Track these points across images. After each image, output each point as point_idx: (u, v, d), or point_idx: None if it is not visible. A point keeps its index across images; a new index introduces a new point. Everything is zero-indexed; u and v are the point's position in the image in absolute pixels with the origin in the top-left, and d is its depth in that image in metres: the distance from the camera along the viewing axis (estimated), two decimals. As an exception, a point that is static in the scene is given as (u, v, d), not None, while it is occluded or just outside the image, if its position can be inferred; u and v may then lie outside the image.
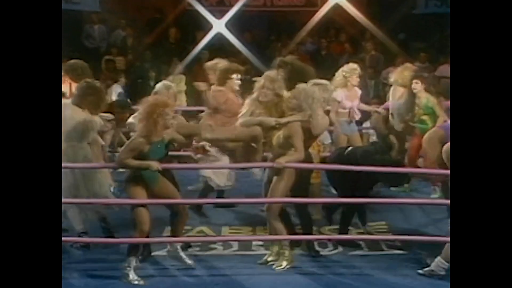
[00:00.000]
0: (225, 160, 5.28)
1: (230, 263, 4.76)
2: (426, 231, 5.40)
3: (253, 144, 4.68)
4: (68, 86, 6.10)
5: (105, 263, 4.77)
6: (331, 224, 5.43)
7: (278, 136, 4.55)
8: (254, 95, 4.69)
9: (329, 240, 5.15)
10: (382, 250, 5.07)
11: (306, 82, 4.85)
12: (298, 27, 10.48)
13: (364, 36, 10.56)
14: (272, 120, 4.56)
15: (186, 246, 4.91)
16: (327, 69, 10.18)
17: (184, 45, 10.24)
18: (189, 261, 4.65)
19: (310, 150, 4.84)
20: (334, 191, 5.53)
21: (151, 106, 4.31)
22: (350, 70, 6.45)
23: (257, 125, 4.60)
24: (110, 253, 4.89)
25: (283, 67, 5.20)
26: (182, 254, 4.66)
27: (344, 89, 6.44)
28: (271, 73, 4.76)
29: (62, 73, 5.99)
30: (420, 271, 4.49)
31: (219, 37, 9.79)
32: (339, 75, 6.48)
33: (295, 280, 4.51)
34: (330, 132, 8.05)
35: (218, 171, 5.58)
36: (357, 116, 6.51)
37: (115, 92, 8.57)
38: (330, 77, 9.91)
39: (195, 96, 8.83)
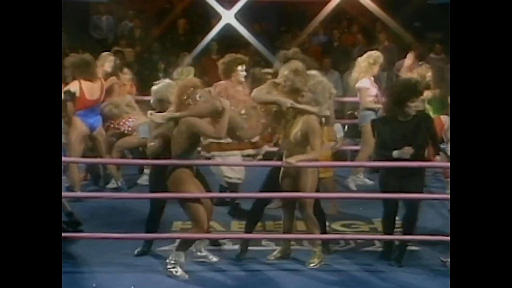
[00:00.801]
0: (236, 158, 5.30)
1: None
2: (439, 227, 5.35)
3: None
4: (78, 85, 6.09)
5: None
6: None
7: (295, 133, 4.48)
8: (277, 80, 4.62)
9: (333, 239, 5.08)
10: (395, 246, 5.03)
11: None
12: (309, 18, 10.42)
13: (377, 27, 10.47)
14: (288, 102, 4.43)
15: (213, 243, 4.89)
16: (339, 61, 10.17)
17: (193, 36, 10.21)
18: (214, 258, 4.67)
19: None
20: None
21: (181, 88, 4.32)
22: (376, 58, 6.42)
23: (271, 103, 4.51)
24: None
25: (285, 61, 5.14)
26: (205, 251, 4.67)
27: (369, 76, 6.43)
28: (298, 65, 4.63)
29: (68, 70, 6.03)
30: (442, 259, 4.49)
31: (228, 28, 9.75)
32: (364, 61, 6.44)
33: (306, 275, 4.50)
34: (343, 125, 8.08)
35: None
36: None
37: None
38: (342, 69, 9.98)
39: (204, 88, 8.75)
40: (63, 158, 4.25)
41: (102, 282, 4.37)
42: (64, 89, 5.90)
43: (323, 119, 4.58)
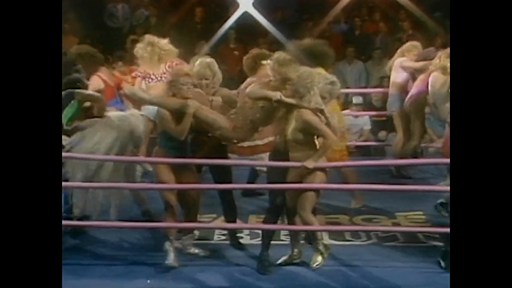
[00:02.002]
0: None
1: (257, 252, 4.70)
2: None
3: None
4: (100, 79, 5.96)
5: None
6: None
7: (293, 132, 4.31)
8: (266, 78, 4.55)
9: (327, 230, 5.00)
10: (419, 241, 5.01)
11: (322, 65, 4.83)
12: (330, 6, 10.35)
13: (400, 15, 10.38)
14: (277, 94, 4.30)
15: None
16: (361, 50, 10.10)
17: (210, 24, 10.20)
18: (196, 251, 4.70)
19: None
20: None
21: (172, 74, 4.46)
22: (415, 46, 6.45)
23: (262, 98, 4.38)
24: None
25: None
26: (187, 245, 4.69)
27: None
28: (280, 55, 4.55)
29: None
30: None
31: (246, 16, 9.72)
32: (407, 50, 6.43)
33: (325, 272, 4.46)
34: (356, 117, 8.04)
35: None
36: None
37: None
38: (364, 58, 9.90)
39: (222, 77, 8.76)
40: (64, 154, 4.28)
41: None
42: (88, 91, 5.67)
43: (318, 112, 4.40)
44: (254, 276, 4.41)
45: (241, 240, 5.00)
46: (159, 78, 5.61)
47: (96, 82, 5.88)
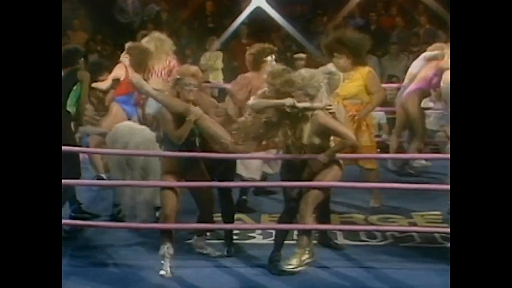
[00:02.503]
0: None
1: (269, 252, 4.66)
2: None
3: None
4: (124, 69, 5.88)
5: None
6: None
7: (310, 137, 4.27)
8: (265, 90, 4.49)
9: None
10: (436, 242, 4.95)
11: None
12: (345, 0, 10.29)
13: (417, 9, 10.30)
14: (289, 100, 4.25)
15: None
16: (376, 45, 10.02)
17: (222, 19, 10.19)
18: (208, 251, 4.67)
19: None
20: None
21: (178, 72, 4.46)
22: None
23: (271, 107, 4.35)
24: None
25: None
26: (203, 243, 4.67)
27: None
28: (274, 68, 4.53)
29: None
30: None
31: (258, 11, 9.70)
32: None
33: (339, 273, 4.44)
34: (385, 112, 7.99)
35: (247, 164, 5.45)
36: None
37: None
38: (380, 53, 9.83)
39: (233, 74, 8.75)
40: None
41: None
42: (111, 76, 5.76)
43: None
44: (267, 277, 4.38)
45: (252, 241, 4.97)
46: (158, 74, 5.60)
47: (119, 70, 5.83)
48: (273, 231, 4.77)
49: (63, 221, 4.34)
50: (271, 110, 4.34)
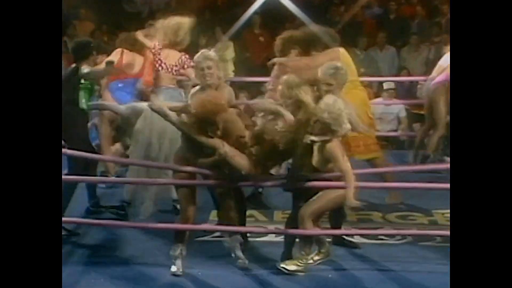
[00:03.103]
0: None
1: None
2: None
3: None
4: (120, 54, 5.91)
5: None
6: None
7: (318, 162, 4.19)
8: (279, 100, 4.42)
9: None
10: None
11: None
12: (363, -12, 10.15)
13: (439, -3, 10.12)
14: (309, 138, 4.16)
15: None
16: (396, 35, 9.87)
17: (234, 9, 10.08)
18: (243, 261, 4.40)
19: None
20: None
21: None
22: None
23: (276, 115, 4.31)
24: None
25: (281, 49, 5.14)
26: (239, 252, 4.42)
27: None
28: (289, 77, 4.42)
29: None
30: None
31: (272, 0, 9.58)
32: None
33: (355, 273, 4.34)
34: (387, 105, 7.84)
35: None
36: None
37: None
38: (399, 44, 9.66)
39: (245, 65, 8.68)
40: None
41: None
42: (106, 59, 5.70)
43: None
44: (278, 276, 4.29)
45: (264, 238, 4.86)
46: (169, 70, 5.46)
47: (115, 55, 5.83)
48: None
49: (64, 219, 4.31)
50: (282, 138, 4.22)
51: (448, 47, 7.69)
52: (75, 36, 8.37)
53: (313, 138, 4.16)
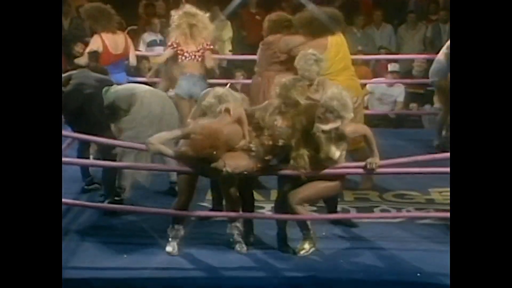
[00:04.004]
0: None
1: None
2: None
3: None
4: (100, 40, 6.02)
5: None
6: None
7: (331, 151, 4.27)
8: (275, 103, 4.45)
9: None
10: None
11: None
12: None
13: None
14: (322, 127, 4.22)
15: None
16: (393, 13, 9.91)
17: (230, -13, 10.08)
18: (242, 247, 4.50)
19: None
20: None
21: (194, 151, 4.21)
22: None
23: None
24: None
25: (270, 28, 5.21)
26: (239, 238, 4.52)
27: None
28: (286, 81, 4.48)
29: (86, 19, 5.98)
30: None
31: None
32: None
33: (350, 253, 4.46)
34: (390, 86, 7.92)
35: None
36: None
37: (143, 41, 8.51)
38: (396, 22, 9.69)
39: (242, 44, 8.72)
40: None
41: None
42: (87, 49, 5.90)
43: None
44: (275, 256, 4.41)
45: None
46: (193, 57, 5.58)
47: (95, 42, 5.94)
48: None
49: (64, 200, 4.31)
50: (290, 132, 4.30)
51: (446, 26, 7.79)
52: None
53: (323, 127, 4.24)
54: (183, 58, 5.64)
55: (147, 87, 4.97)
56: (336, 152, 4.30)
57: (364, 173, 4.51)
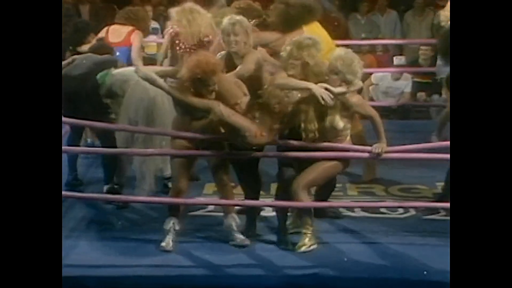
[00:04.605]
0: None
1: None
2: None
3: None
4: (106, 29, 5.99)
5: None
6: None
7: (335, 120, 4.25)
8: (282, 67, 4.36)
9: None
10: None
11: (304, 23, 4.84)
12: None
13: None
14: (322, 89, 4.14)
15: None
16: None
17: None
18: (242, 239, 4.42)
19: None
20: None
21: (198, 73, 4.20)
22: None
23: (299, 90, 4.27)
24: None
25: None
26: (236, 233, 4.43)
27: None
28: (299, 38, 4.40)
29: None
30: None
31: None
32: None
33: (353, 249, 4.38)
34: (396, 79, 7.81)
35: None
36: None
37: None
38: (402, 8, 9.56)
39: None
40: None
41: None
42: (96, 37, 5.91)
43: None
44: (276, 252, 4.34)
45: (261, 213, 4.86)
46: (187, 50, 5.45)
47: (102, 32, 5.95)
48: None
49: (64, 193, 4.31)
50: (296, 94, 4.25)
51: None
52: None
53: (332, 89, 4.16)
54: (178, 48, 5.49)
55: None
56: (340, 122, 4.26)
57: (369, 157, 4.44)
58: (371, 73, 7.64)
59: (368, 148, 4.37)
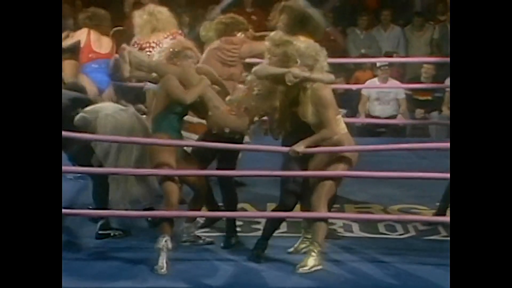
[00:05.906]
0: None
1: (277, 243, 4.65)
2: None
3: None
4: (86, 33, 6.10)
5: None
6: None
7: (307, 112, 4.31)
8: (264, 62, 4.52)
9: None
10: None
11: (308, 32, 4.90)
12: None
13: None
14: (296, 71, 4.29)
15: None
16: (399, 12, 9.88)
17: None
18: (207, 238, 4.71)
19: None
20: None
21: (175, 47, 4.62)
22: None
23: (274, 76, 4.39)
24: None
25: (285, 12, 5.11)
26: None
27: None
28: (275, 34, 4.57)
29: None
30: None
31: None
32: None
33: (353, 269, 4.42)
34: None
35: None
36: None
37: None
38: (402, 23, 9.62)
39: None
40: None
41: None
42: (67, 42, 5.95)
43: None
44: (270, 271, 4.38)
45: (258, 233, 4.88)
46: (161, 45, 5.54)
47: (81, 34, 6.08)
48: (264, 221, 4.73)
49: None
50: (265, 82, 4.43)
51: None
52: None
53: (300, 72, 4.28)
54: (151, 50, 5.62)
55: (112, 107, 4.95)
56: (312, 116, 4.30)
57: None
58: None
59: (286, 148, 4.38)
